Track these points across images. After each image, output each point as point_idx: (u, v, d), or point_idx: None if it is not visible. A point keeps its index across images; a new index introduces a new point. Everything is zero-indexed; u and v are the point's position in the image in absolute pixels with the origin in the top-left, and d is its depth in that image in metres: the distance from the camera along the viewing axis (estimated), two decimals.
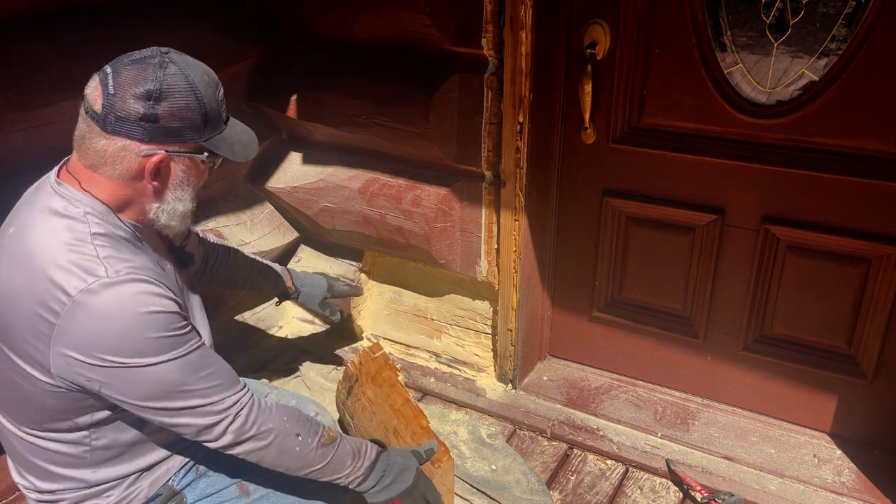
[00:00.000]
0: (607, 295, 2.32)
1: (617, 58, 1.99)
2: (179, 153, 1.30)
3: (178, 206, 1.36)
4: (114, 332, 1.23)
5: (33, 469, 1.42)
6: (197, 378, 1.31)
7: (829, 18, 1.72)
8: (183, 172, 1.33)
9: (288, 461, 1.44)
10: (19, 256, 1.27)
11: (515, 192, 2.07)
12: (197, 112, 1.27)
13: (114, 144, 1.25)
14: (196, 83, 1.27)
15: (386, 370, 2.04)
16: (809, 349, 2.08)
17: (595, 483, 2.08)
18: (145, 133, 1.24)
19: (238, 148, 1.39)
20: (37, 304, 1.23)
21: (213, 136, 1.33)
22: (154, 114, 1.23)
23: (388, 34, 2.07)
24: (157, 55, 1.27)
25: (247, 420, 1.37)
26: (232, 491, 1.56)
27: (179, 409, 1.31)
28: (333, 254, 2.63)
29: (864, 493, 1.95)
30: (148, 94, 1.23)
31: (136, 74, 1.23)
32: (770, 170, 1.93)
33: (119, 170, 1.28)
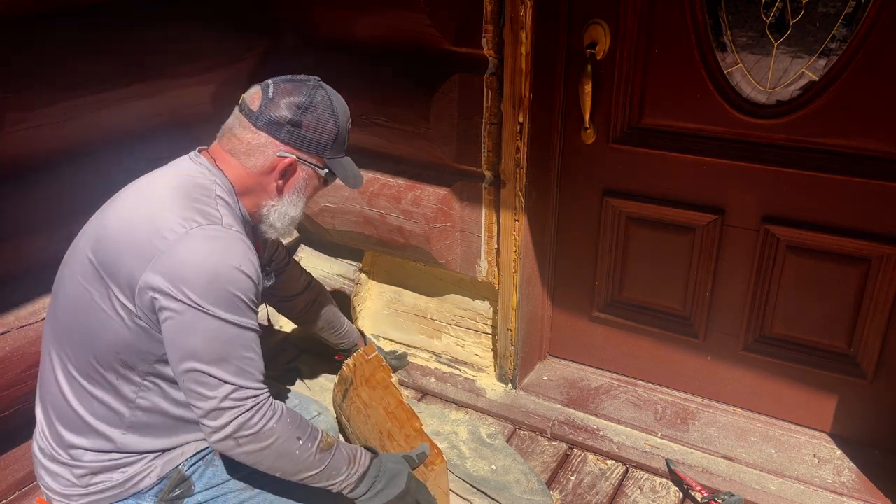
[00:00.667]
0: (607, 295, 2.32)
1: (617, 58, 1.99)
2: (307, 162, 1.51)
3: (290, 210, 1.54)
4: (206, 273, 1.34)
5: (68, 417, 1.46)
6: (239, 355, 1.39)
7: (829, 18, 1.72)
8: (304, 180, 1.53)
9: (286, 465, 1.46)
10: (147, 195, 1.43)
11: (515, 192, 2.07)
12: (331, 132, 1.50)
13: (258, 139, 1.47)
14: (337, 109, 1.51)
15: (379, 372, 2.03)
16: (809, 349, 2.08)
17: (595, 483, 2.08)
18: (287, 136, 1.46)
19: (351, 174, 1.60)
20: (153, 233, 1.35)
21: (335, 158, 1.55)
22: (299, 121, 1.46)
23: (388, 34, 2.07)
24: (312, 80, 1.52)
25: (253, 417, 1.40)
26: (237, 483, 1.58)
27: (207, 375, 1.36)
28: (333, 254, 2.63)
29: (864, 493, 1.95)
30: (299, 105, 1.46)
31: (293, 89, 1.47)
32: (770, 170, 1.93)
33: (254, 161, 1.48)
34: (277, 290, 2.05)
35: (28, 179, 1.83)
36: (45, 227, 1.81)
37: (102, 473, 1.47)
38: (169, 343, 1.37)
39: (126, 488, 1.49)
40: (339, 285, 2.59)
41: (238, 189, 1.50)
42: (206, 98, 2.19)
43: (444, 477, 1.78)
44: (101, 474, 1.47)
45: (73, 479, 1.47)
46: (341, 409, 2.09)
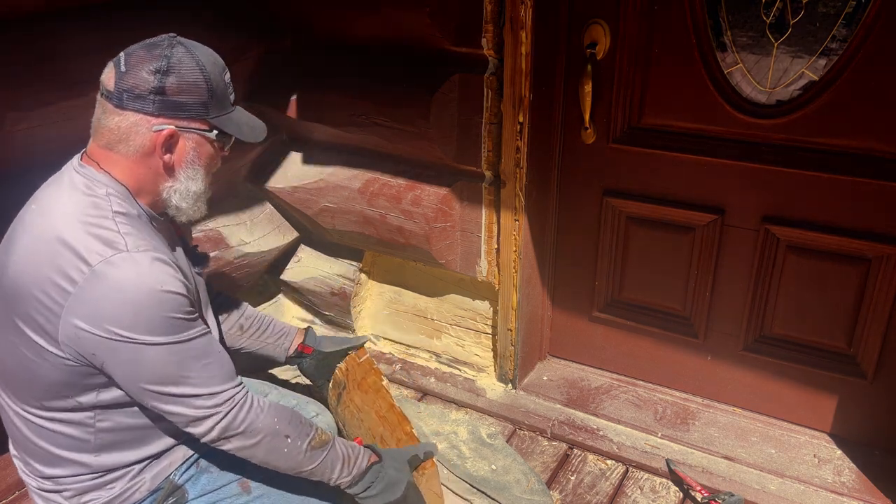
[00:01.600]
0: (607, 295, 2.32)
1: (617, 58, 1.99)
2: (189, 129, 1.35)
3: (190, 186, 1.41)
4: (127, 305, 1.26)
5: (36, 453, 1.43)
6: (197, 366, 1.34)
7: (830, 18, 1.72)
8: (193, 150, 1.38)
9: (276, 461, 1.47)
10: (42, 230, 1.31)
11: (515, 192, 2.07)
12: (203, 88, 1.34)
13: (126, 120, 1.32)
14: (202, 61, 1.34)
15: (371, 375, 2.02)
16: (809, 349, 2.08)
17: (595, 483, 2.08)
18: (154, 106, 1.31)
19: (246, 128, 1.44)
20: (55, 274, 1.26)
21: (220, 115, 1.39)
22: (162, 87, 1.30)
23: (389, 34, 2.07)
24: (166, 38, 1.35)
25: (235, 418, 1.39)
26: (233, 488, 1.57)
27: (173, 395, 1.33)
28: (333, 254, 2.63)
29: (864, 493, 1.95)
30: (157, 69, 1.30)
31: (147, 53, 1.32)
32: (770, 170, 1.93)
33: (133, 146, 1.33)
34: None
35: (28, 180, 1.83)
36: None
37: (90, 492, 1.46)
38: (120, 380, 1.32)
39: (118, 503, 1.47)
40: (339, 285, 2.59)
41: (132, 188, 1.37)
42: None
43: (436, 480, 1.78)
44: (90, 493, 1.46)
45: (64, 500, 1.46)
46: (336, 412, 2.08)
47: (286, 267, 2.66)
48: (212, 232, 2.31)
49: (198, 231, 2.27)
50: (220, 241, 2.31)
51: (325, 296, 2.59)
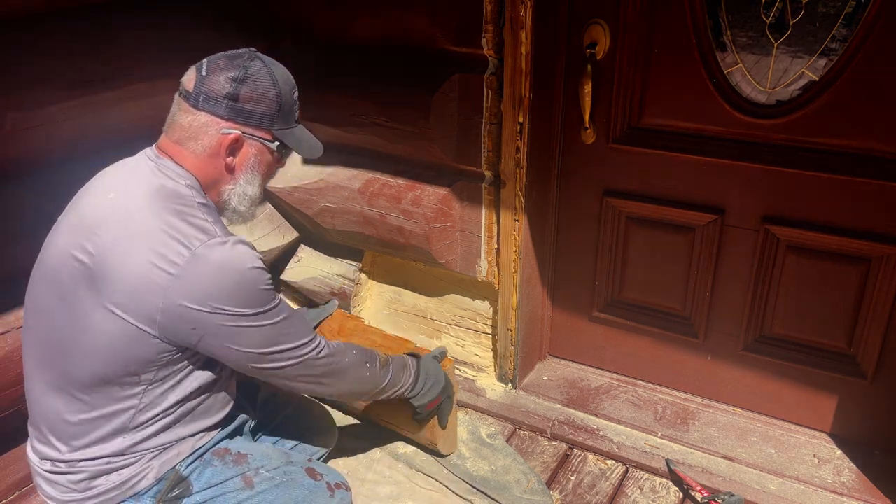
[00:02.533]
0: (607, 295, 2.32)
1: (617, 58, 1.99)
2: (253, 136, 1.46)
3: (248, 189, 1.52)
4: (228, 283, 1.38)
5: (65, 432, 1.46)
6: (287, 324, 1.49)
7: (830, 18, 1.72)
8: (254, 157, 1.49)
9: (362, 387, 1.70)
10: (131, 217, 1.38)
11: (515, 192, 2.07)
12: (273, 101, 1.45)
13: (198, 120, 1.42)
14: (276, 77, 1.45)
15: (349, 321, 2.19)
16: (809, 349, 2.08)
17: (595, 483, 2.08)
18: (226, 111, 1.42)
19: (305, 145, 1.55)
20: (154, 259, 1.34)
21: (284, 129, 1.50)
22: (236, 94, 1.41)
23: (388, 34, 2.07)
24: (247, 52, 1.46)
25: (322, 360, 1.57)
26: (236, 482, 1.57)
27: (278, 352, 1.48)
28: (333, 254, 2.62)
29: (864, 493, 1.95)
30: (234, 77, 1.41)
31: (227, 63, 1.43)
32: (770, 170, 1.93)
33: (201, 144, 1.44)
34: None
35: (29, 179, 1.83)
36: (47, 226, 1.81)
37: (101, 477, 1.47)
38: (222, 353, 1.44)
39: (124, 490, 1.48)
40: (339, 285, 2.59)
41: (202, 182, 1.48)
42: None
43: (453, 374, 2.07)
44: (100, 478, 1.47)
45: (71, 485, 1.47)
46: None
47: (286, 267, 2.66)
48: None
49: None
50: None
51: (325, 296, 2.59)
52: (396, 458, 2.13)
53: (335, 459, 2.12)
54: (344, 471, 2.03)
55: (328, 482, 1.71)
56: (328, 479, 1.72)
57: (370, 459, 2.13)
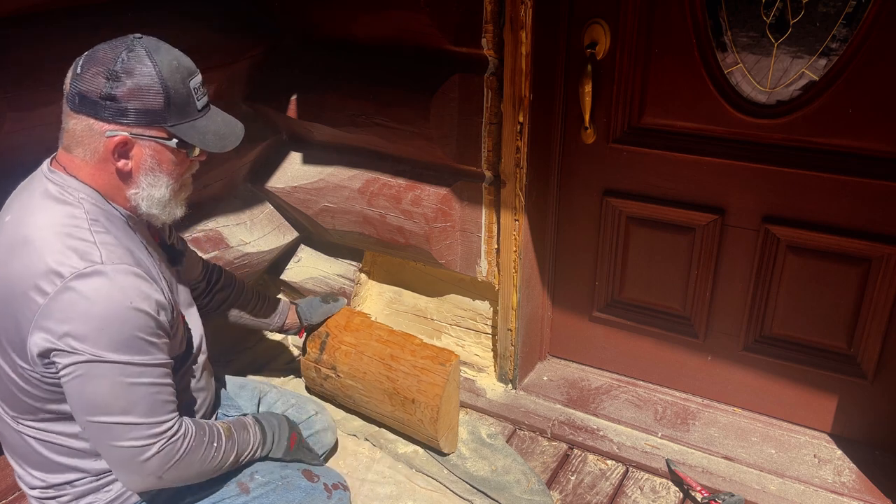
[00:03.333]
0: (607, 295, 2.32)
1: (617, 58, 1.99)
2: (144, 136, 1.29)
3: (153, 193, 1.35)
4: (94, 319, 1.23)
5: (36, 462, 1.42)
6: (148, 392, 1.31)
7: (830, 18, 1.72)
8: (152, 158, 1.32)
9: (212, 467, 1.48)
10: (17, 242, 1.28)
11: (515, 192, 2.07)
12: (158, 95, 1.27)
13: (80, 123, 1.28)
14: (160, 67, 1.27)
15: (356, 317, 2.19)
16: (809, 349, 2.08)
17: (595, 483, 2.08)
18: (106, 112, 1.26)
19: (211, 138, 1.35)
20: (31, 288, 1.23)
21: (181, 123, 1.31)
22: (112, 93, 1.25)
23: (388, 34, 2.07)
24: (127, 40, 1.28)
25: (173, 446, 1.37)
26: (232, 489, 1.57)
27: (119, 425, 1.30)
28: (333, 254, 2.62)
29: (864, 493, 1.95)
30: (109, 73, 1.24)
31: (104, 56, 1.26)
32: (770, 170, 1.92)
33: (89, 150, 1.29)
34: None
35: None
36: None
37: (88, 496, 1.46)
38: (72, 398, 1.29)
39: None
40: (340, 285, 2.59)
41: (101, 191, 1.33)
42: None
43: (458, 370, 2.08)
44: (88, 496, 1.46)
45: None
46: (319, 362, 2.20)
47: (286, 267, 2.66)
48: (212, 232, 2.31)
49: (198, 231, 2.27)
50: (220, 241, 2.31)
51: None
52: (396, 458, 2.13)
53: (335, 459, 2.12)
54: (344, 471, 2.03)
55: (325, 483, 1.71)
56: (325, 481, 1.72)
57: (370, 459, 2.13)
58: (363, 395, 2.15)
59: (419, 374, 2.02)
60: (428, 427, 2.03)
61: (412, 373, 2.03)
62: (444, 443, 2.09)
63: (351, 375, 2.13)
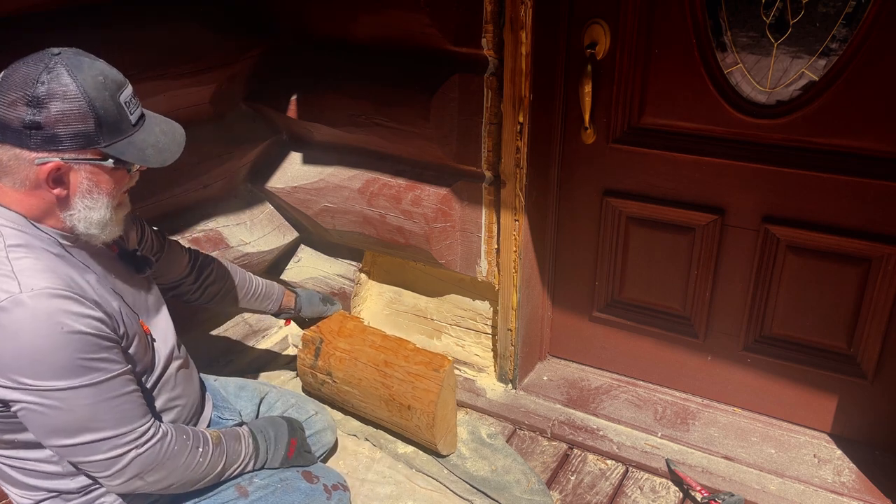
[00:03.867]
0: (607, 295, 2.32)
1: (617, 58, 1.99)
2: (78, 160, 1.22)
3: (91, 215, 1.28)
4: (24, 351, 1.17)
5: (18, 484, 1.41)
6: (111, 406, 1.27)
7: (830, 18, 1.72)
8: (88, 181, 1.25)
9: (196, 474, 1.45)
10: None
11: (515, 192, 2.07)
12: (86, 116, 1.20)
13: (6, 153, 1.20)
14: (85, 86, 1.19)
15: (349, 321, 2.20)
16: (809, 349, 2.08)
17: (595, 483, 2.08)
18: (32, 141, 1.18)
19: (151, 152, 1.28)
20: None
21: (116, 142, 1.24)
22: (37, 121, 1.17)
23: (388, 34, 2.07)
24: (45, 58, 1.19)
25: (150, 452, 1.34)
26: (230, 493, 1.56)
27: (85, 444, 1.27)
28: (333, 254, 2.62)
29: (864, 493, 1.95)
30: (30, 99, 1.16)
31: (22, 79, 1.17)
32: (770, 170, 1.93)
33: (18, 179, 1.22)
34: (160, 280, 1.75)
35: None
36: None
37: None
38: (34, 429, 1.26)
39: None
40: (340, 285, 2.59)
41: (31, 217, 1.26)
42: (205, 98, 2.19)
43: (453, 374, 2.07)
44: None
45: None
46: (314, 368, 2.21)
47: (286, 267, 2.66)
48: (212, 232, 2.31)
49: (198, 231, 2.27)
50: (220, 241, 2.31)
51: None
52: (396, 458, 2.13)
53: (335, 459, 2.12)
54: (344, 471, 2.03)
55: (325, 484, 1.71)
56: (325, 482, 1.72)
57: (370, 459, 2.13)
58: (360, 401, 2.15)
59: (413, 380, 2.02)
60: (425, 432, 2.04)
61: (406, 379, 2.03)
62: (443, 445, 2.09)
63: (347, 382, 2.13)
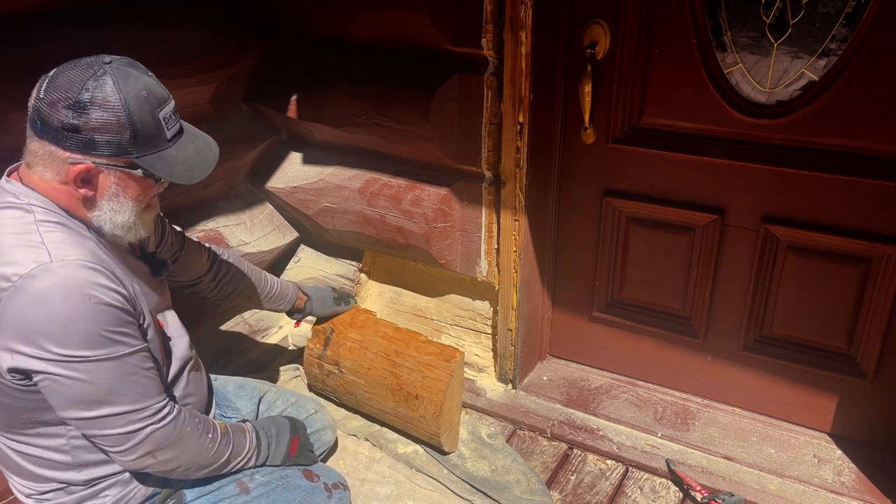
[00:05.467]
0: (607, 295, 2.32)
1: (617, 58, 1.99)
2: (109, 166, 1.27)
3: (116, 218, 1.33)
4: (54, 318, 1.20)
5: (24, 474, 1.42)
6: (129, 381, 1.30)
7: (830, 18, 1.72)
8: (116, 185, 1.30)
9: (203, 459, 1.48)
10: None
11: (515, 192, 2.07)
12: (124, 128, 1.24)
13: (43, 148, 1.25)
14: (127, 98, 1.24)
15: (361, 314, 2.22)
16: (809, 349, 2.08)
17: (595, 483, 2.08)
18: (69, 142, 1.23)
19: (180, 169, 1.32)
20: None
21: (148, 154, 1.29)
22: (76, 125, 1.22)
23: (388, 34, 2.07)
24: (95, 65, 1.24)
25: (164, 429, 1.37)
26: (231, 489, 1.57)
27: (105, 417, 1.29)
28: (333, 254, 2.63)
29: (864, 493, 1.95)
30: (73, 103, 1.21)
31: (69, 82, 1.22)
32: (770, 170, 1.93)
33: (50, 173, 1.27)
34: (179, 277, 1.82)
35: None
36: None
37: (88, 500, 1.45)
38: (53, 400, 1.28)
39: None
40: (340, 285, 2.59)
41: (62, 206, 1.31)
42: (205, 98, 2.19)
43: (462, 369, 2.10)
44: (87, 501, 1.45)
45: None
46: (323, 358, 2.22)
47: (286, 267, 2.66)
48: (212, 232, 2.31)
49: (198, 231, 2.28)
50: (220, 241, 2.31)
51: None
52: (396, 458, 2.13)
53: (335, 459, 2.12)
54: (344, 470, 2.03)
55: (325, 483, 1.71)
56: (325, 480, 1.72)
57: (370, 459, 2.13)
58: (366, 392, 2.15)
59: (423, 369, 2.03)
60: (430, 423, 2.04)
61: (416, 368, 2.04)
62: (446, 440, 2.09)
63: (354, 371, 2.14)
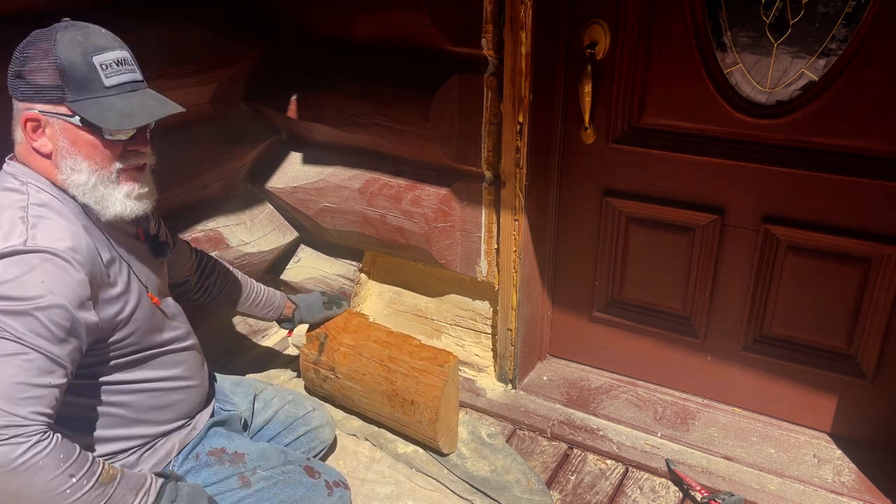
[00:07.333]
0: (607, 295, 2.32)
1: (617, 58, 1.99)
2: (49, 113, 1.29)
3: (76, 178, 1.32)
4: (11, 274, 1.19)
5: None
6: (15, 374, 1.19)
7: (829, 18, 1.72)
8: (63, 137, 1.30)
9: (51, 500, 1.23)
10: None
11: (515, 192, 2.08)
12: (54, 68, 1.27)
13: (14, 108, 1.32)
14: (60, 42, 1.27)
15: (354, 318, 2.21)
16: (809, 349, 2.08)
17: (595, 483, 2.08)
18: (18, 90, 1.30)
19: (113, 115, 1.30)
20: None
21: (83, 99, 1.29)
22: (18, 70, 1.29)
23: (388, 34, 2.07)
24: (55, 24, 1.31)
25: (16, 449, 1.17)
26: (233, 482, 1.57)
27: None
28: (333, 254, 2.63)
29: (864, 493, 1.95)
30: (20, 53, 1.29)
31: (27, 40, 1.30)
32: (770, 170, 1.93)
33: (18, 132, 1.33)
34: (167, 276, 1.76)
35: None
36: None
37: None
38: None
39: None
40: (339, 285, 2.59)
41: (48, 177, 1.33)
42: (206, 98, 2.19)
43: (456, 372, 2.07)
44: None
45: None
46: (318, 363, 2.21)
47: (286, 267, 2.66)
48: (212, 232, 2.31)
49: (198, 231, 2.28)
50: (220, 241, 2.31)
51: None
52: (396, 458, 2.13)
53: (335, 459, 2.12)
54: (344, 470, 2.03)
55: (326, 480, 1.71)
56: (326, 478, 1.72)
57: (370, 459, 2.13)
58: (363, 397, 2.15)
59: (418, 375, 2.03)
60: (427, 428, 2.04)
61: (411, 374, 2.03)
62: (444, 443, 2.09)
63: (350, 377, 2.13)
